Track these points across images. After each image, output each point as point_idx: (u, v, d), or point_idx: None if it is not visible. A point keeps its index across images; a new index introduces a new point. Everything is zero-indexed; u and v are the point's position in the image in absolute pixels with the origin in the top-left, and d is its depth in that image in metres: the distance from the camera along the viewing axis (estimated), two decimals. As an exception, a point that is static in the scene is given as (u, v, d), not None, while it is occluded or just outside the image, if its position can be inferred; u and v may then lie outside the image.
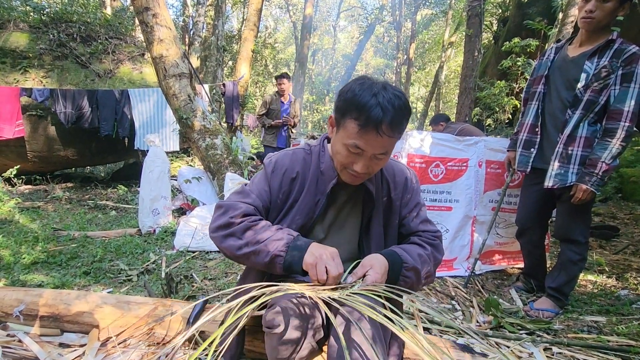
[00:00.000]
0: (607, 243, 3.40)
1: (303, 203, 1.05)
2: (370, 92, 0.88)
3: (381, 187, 1.10)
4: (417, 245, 1.08)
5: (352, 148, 0.92)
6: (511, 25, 6.71)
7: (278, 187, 1.07)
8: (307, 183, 1.06)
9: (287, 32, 24.93)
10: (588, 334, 1.76)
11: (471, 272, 2.34)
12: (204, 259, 2.60)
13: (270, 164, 1.09)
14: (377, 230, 1.09)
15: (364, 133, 0.89)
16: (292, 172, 1.07)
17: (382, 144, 0.90)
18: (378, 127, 0.87)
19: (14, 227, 3.14)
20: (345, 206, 1.11)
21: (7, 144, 4.97)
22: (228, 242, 0.99)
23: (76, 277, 2.20)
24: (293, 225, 1.05)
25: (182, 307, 1.48)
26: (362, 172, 0.94)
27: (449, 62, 16.87)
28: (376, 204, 1.07)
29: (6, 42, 5.29)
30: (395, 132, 0.90)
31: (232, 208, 1.02)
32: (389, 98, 0.88)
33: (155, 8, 3.59)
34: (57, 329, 1.47)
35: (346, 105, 0.91)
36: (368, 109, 0.87)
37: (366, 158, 0.93)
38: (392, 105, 0.87)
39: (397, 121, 0.88)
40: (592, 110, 1.82)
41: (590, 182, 1.78)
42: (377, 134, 0.88)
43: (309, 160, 1.09)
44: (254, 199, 1.05)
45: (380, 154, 0.93)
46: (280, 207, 1.07)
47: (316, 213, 1.06)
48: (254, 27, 7.05)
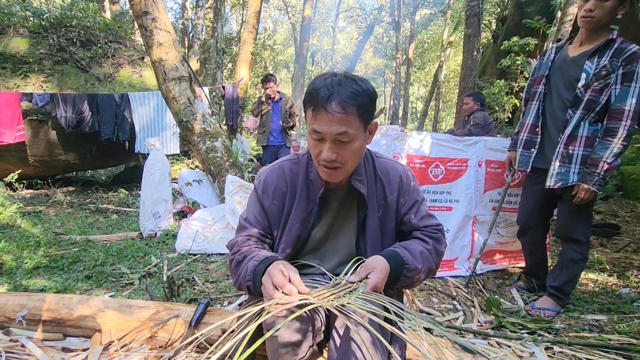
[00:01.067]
0: (608, 241, 3.39)
1: (297, 213, 1.07)
2: (322, 79, 0.92)
3: (375, 188, 1.10)
4: (419, 240, 1.07)
5: (313, 135, 0.94)
6: (510, 24, 6.72)
7: (270, 205, 1.09)
8: (298, 193, 1.07)
9: (286, 34, 24.96)
10: (589, 333, 1.76)
11: (472, 271, 2.34)
12: (205, 262, 2.60)
13: (260, 184, 1.11)
14: (373, 230, 1.08)
15: (317, 116, 0.91)
16: (282, 186, 1.09)
17: (335, 121, 0.89)
18: (326, 105, 0.89)
19: (16, 232, 3.15)
20: (340, 211, 1.11)
21: (9, 148, 4.99)
22: (233, 279, 1.06)
23: (78, 281, 2.21)
24: (290, 235, 1.07)
25: (184, 310, 1.48)
26: (329, 158, 0.93)
27: (448, 61, 16.88)
28: (369, 205, 1.07)
29: (6, 48, 5.31)
30: (347, 107, 0.89)
31: (231, 245, 1.10)
32: (337, 80, 0.91)
33: (155, 12, 3.60)
34: (60, 334, 1.48)
35: (305, 97, 0.96)
36: (316, 93, 0.90)
37: (328, 142, 0.92)
38: (339, 84, 0.90)
39: (345, 98, 0.89)
40: (593, 110, 1.82)
41: (592, 182, 1.78)
42: (326, 112, 0.89)
43: (296, 171, 1.10)
44: (249, 229, 1.10)
45: (338, 134, 0.90)
46: (277, 221, 1.10)
47: (311, 222, 1.07)
48: (252, 30, 7.06)
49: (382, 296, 0.88)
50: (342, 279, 0.96)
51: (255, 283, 0.94)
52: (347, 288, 0.91)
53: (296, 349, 0.89)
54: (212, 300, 1.97)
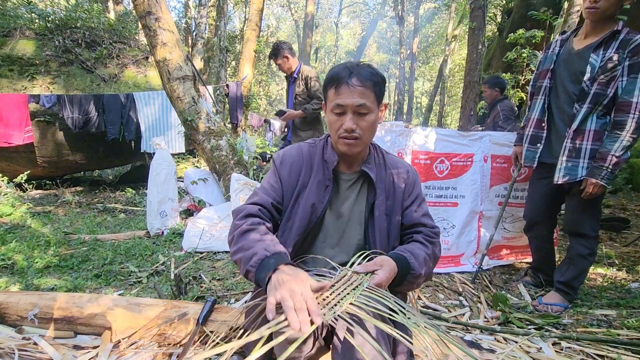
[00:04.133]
0: (617, 235, 3.35)
1: (313, 186, 1.13)
2: (341, 66, 1.08)
3: (384, 175, 1.16)
4: (420, 244, 1.11)
5: (336, 109, 1.06)
6: (515, 16, 6.61)
7: (288, 175, 1.15)
8: (314, 169, 1.15)
9: (290, 31, 24.89)
10: (598, 328, 1.74)
11: (478, 267, 2.33)
12: (211, 260, 2.63)
13: (279, 157, 1.20)
14: (381, 218, 1.13)
15: (339, 91, 1.04)
16: (300, 160, 1.17)
17: (359, 94, 1.03)
18: (348, 80, 1.03)
19: (26, 232, 3.20)
20: (350, 195, 1.16)
21: (17, 150, 5.05)
22: (230, 245, 1.05)
23: (88, 280, 2.25)
24: (307, 207, 1.11)
25: (192, 307, 1.50)
26: (350, 127, 1.04)
27: (453, 55, 16.71)
28: (378, 190, 1.13)
29: (13, 50, 5.37)
30: (366, 83, 1.03)
31: (238, 211, 1.10)
32: (356, 64, 1.07)
33: (158, 12, 3.62)
34: (71, 332, 1.51)
35: (326, 82, 1.10)
36: (338, 74, 1.05)
37: (350, 113, 1.04)
38: (357, 66, 1.07)
39: (364, 75, 1.04)
40: (600, 103, 1.79)
41: (600, 176, 1.75)
42: (348, 86, 1.03)
43: (313, 152, 1.19)
44: (261, 196, 1.13)
45: (358, 105, 1.03)
46: (291, 192, 1.14)
47: (326, 197, 1.12)
48: (255, 27, 7.04)
49: (386, 293, 0.89)
50: (348, 270, 0.97)
51: (260, 275, 0.90)
52: (353, 281, 0.92)
53: (302, 344, 0.90)
54: (219, 297, 1.99)
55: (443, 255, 2.43)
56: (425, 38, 20.87)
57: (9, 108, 4.80)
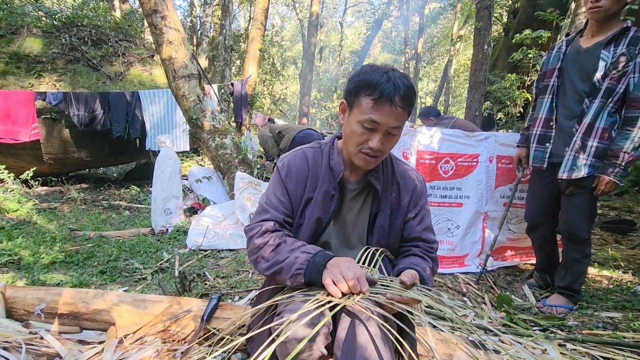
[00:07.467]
0: (623, 238, 3.32)
1: (318, 198, 1.09)
2: (381, 72, 0.97)
3: (391, 187, 1.13)
4: (422, 259, 1.10)
5: (367, 124, 0.96)
6: (522, 16, 6.57)
7: (294, 188, 1.10)
8: (320, 179, 1.10)
9: (294, 30, 24.89)
10: (603, 330, 1.73)
11: (483, 268, 2.32)
12: (215, 257, 2.64)
13: (284, 167, 1.13)
14: (382, 229, 1.12)
15: (379, 106, 0.94)
16: (305, 169, 1.11)
17: (396, 116, 0.96)
18: (392, 99, 0.93)
19: (33, 228, 3.23)
20: (354, 205, 1.14)
21: (24, 146, 5.10)
22: (259, 265, 1.03)
23: (93, 276, 2.26)
24: (311, 220, 1.08)
25: (196, 305, 1.51)
26: (377, 147, 0.98)
27: (458, 56, 16.64)
28: (382, 201, 1.11)
29: (20, 48, 5.42)
30: (407, 105, 0.96)
31: (253, 231, 1.07)
32: (398, 76, 0.97)
33: (164, 10, 3.63)
34: (77, 327, 1.52)
35: (359, 85, 0.97)
36: (381, 85, 0.94)
37: (381, 133, 0.97)
38: (402, 82, 0.96)
39: (408, 95, 0.96)
40: (612, 99, 1.78)
41: (613, 174, 1.75)
42: (391, 106, 0.94)
43: (319, 158, 1.13)
44: (272, 213, 1.09)
45: (393, 127, 0.97)
46: (298, 203, 1.11)
47: (332, 207, 1.09)
48: (260, 27, 7.06)
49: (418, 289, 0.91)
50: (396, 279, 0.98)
51: (311, 272, 0.93)
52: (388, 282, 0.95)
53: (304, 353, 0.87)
54: (223, 295, 2.00)
55: (447, 255, 2.43)
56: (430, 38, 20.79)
57: (16, 105, 4.85)
